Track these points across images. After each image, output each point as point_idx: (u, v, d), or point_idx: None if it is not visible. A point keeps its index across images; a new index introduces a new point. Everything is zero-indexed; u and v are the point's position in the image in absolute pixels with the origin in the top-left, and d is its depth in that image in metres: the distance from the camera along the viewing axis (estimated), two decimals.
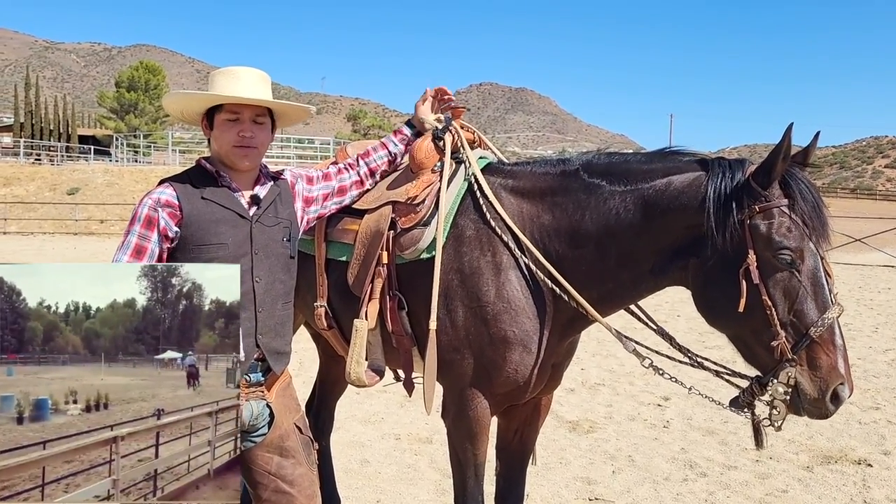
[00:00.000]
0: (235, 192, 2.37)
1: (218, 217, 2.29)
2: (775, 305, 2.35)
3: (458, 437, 2.87)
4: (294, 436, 2.45)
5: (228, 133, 2.34)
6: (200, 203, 2.30)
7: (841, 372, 2.32)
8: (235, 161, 2.36)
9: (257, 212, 2.37)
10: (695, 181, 2.54)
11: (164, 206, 2.27)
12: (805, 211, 2.37)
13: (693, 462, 5.18)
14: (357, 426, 5.88)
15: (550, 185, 2.83)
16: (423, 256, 2.83)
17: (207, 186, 2.34)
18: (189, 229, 2.26)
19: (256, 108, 2.37)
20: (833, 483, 4.84)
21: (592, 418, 6.19)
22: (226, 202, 2.33)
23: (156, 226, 2.25)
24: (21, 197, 32.75)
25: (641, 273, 2.65)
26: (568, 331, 2.85)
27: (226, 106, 2.35)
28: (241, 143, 2.34)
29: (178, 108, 2.49)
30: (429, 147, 3.00)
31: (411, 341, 2.91)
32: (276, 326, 2.37)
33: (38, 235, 28.25)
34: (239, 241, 2.29)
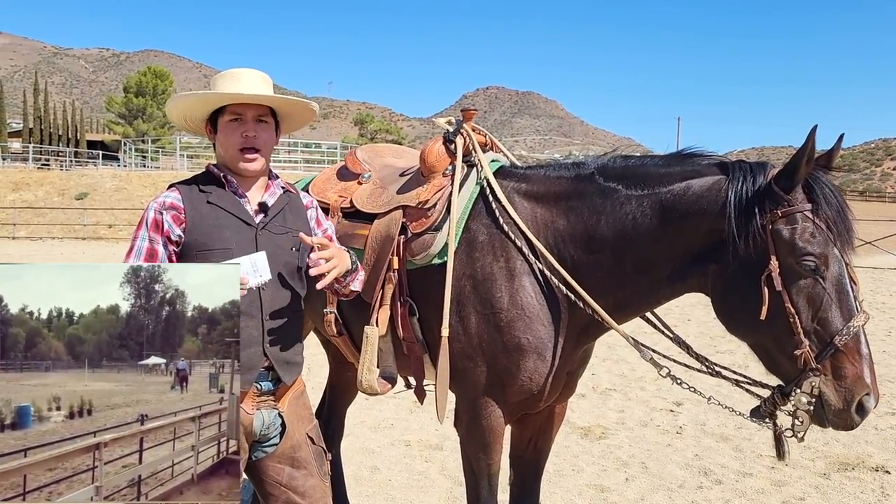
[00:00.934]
0: (242, 198, 2.33)
1: (223, 222, 2.26)
2: (799, 313, 2.28)
3: (471, 446, 2.81)
4: (306, 446, 2.40)
5: (232, 135, 2.31)
6: (206, 207, 2.27)
7: (867, 382, 2.25)
8: (241, 167, 2.32)
9: (264, 219, 2.33)
10: (715, 185, 2.47)
11: (169, 209, 2.26)
12: (829, 216, 2.30)
13: (708, 469, 5.10)
14: (367, 432, 5.82)
15: (565, 189, 2.76)
16: (435, 262, 2.77)
17: (214, 191, 2.31)
18: (193, 234, 2.24)
19: (259, 108, 2.33)
20: (850, 491, 4.75)
21: (604, 424, 6.12)
22: (231, 207, 2.30)
23: (161, 228, 2.24)
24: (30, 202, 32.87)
25: (659, 279, 2.59)
26: (583, 338, 2.79)
27: (228, 107, 2.31)
28: (246, 144, 2.30)
29: (180, 115, 2.45)
30: (440, 150, 2.95)
31: (423, 348, 2.86)
32: (285, 335, 2.32)
33: (46, 240, 28.33)
34: (243, 247, 2.24)
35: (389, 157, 3.48)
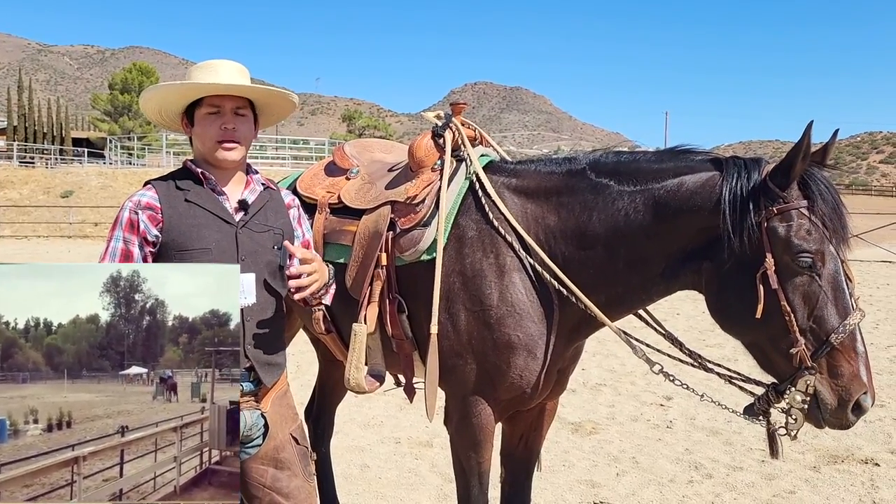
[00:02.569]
0: (221, 196, 2.27)
1: (201, 221, 2.19)
2: (794, 311, 2.26)
3: (461, 444, 2.78)
4: (290, 447, 2.35)
5: (210, 127, 2.24)
6: (183, 206, 2.20)
7: (863, 380, 2.23)
8: (219, 157, 2.25)
9: (244, 217, 2.27)
10: (708, 181, 2.44)
11: (145, 209, 2.18)
12: (825, 213, 2.27)
13: (698, 463, 5.10)
14: (356, 430, 5.79)
15: (556, 184, 2.73)
16: (424, 258, 2.74)
17: (192, 189, 2.24)
18: (171, 234, 2.17)
19: (237, 100, 2.26)
20: (840, 483, 4.76)
21: (595, 419, 6.11)
22: (210, 205, 2.23)
23: (136, 229, 2.17)
24: (15, 200, 32.58)
25: (652, 276, 2.55)
26: (575, 335, 2.76)
27: (205, 100, 2.24)
28: (224, 137, 2.23)
29: (155, 108, 2.37)
30: (428, 145, 2.91)
31: (412, 345, 2.83)
32: (266, 336, 2.26)
33: (32, 239, 28.07)
34: (223, 247, 2.18)
35: (378, 152, 3.44)
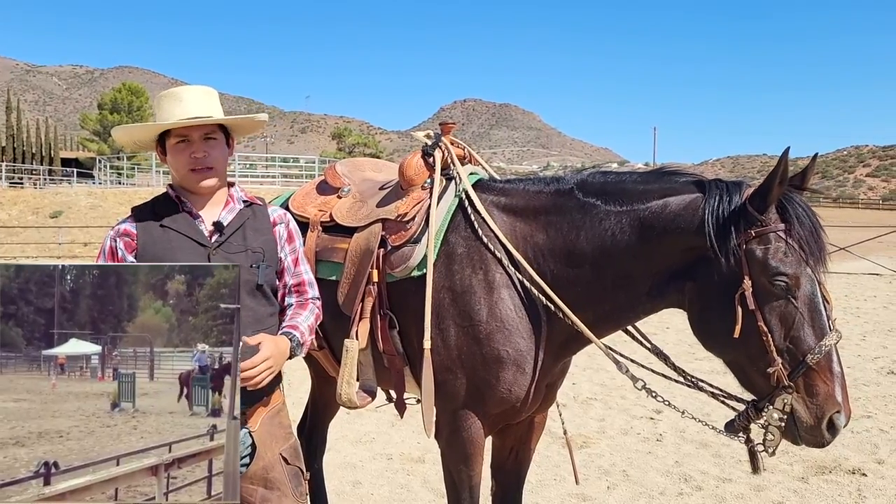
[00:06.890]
0: (196, 218, 2.31)
1: (174, 244, 2.24)
2: (771, 332, 2.31)
3: (452, 458, 2.82)
4: (280, 466, 2.35)
5: (181, 156, 2.30)
6: (158, 231, 2.26)
7: (838, 400, 2.29)
8: (193, 184, 2.31)
9: (219, 238, 2.30)
10: (691, 203, 2.50)
11: (122, 236, 2.28)
12: (802, 236, 2.33)
13: (688, 475, 5.14)
14: (348, 447, 5.80)
15: (544, 203, 2.79)
16: (414, 274, 2.79)
17: (169, 214, 2.30)
18: (145, 258, 2.22)
19: (205, 127, 2.31)
20: (829, 493, 4.82)
21: (585, 433, 6.14)
22: (184, 229, 2.28)
23: (115, 256, 2.27)
24: (3, 221, 32.42)
25: (638, 295, 2.61)
26: (563, 352, 2.81)
27: (173, 130, 2.30)
28: (196, 166, 2.29)
29: (129, 140, 2.47)
30: (418, 163, 2.97)
31: (403, 361, 2.87)
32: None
33: (21, 260, 27.96)
34: None
35: (369, 170, 3.50)
